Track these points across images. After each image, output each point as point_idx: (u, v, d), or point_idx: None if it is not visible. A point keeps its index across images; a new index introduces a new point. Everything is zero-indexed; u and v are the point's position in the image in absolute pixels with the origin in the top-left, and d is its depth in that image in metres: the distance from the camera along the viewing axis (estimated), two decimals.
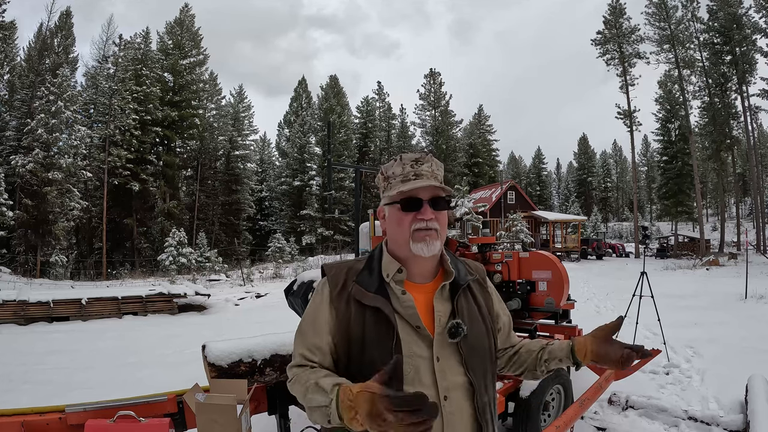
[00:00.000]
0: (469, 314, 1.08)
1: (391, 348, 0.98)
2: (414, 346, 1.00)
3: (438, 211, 1.05)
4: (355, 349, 1.01)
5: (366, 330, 1.01)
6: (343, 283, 1.07)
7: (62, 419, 1.83)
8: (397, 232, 1.07)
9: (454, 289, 1.08)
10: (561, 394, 3.51)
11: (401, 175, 1.06)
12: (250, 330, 6.95)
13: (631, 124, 32.39)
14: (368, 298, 1.03)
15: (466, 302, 1.09)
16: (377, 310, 1.01)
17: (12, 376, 5.58)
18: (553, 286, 4.17)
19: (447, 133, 47.50)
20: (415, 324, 1.02)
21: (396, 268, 1.06)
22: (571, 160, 70.91)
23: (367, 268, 1.09)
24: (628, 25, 32.47)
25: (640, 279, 5.95)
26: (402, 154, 1.10)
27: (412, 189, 1.03)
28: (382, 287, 1.04)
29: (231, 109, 41.34)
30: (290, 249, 30.24)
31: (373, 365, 0.95)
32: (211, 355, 2.07)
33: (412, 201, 1.04)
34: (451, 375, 1.01)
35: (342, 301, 1.05)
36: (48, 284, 18.00)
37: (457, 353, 1.03)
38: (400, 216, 1.05)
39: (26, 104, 27.61)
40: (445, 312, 1.05)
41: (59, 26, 30.84)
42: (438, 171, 1.09)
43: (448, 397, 1.00)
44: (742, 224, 33.23)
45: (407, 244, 1.04)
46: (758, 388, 3.29)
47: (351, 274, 1.09)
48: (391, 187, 1.08)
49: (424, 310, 1.04)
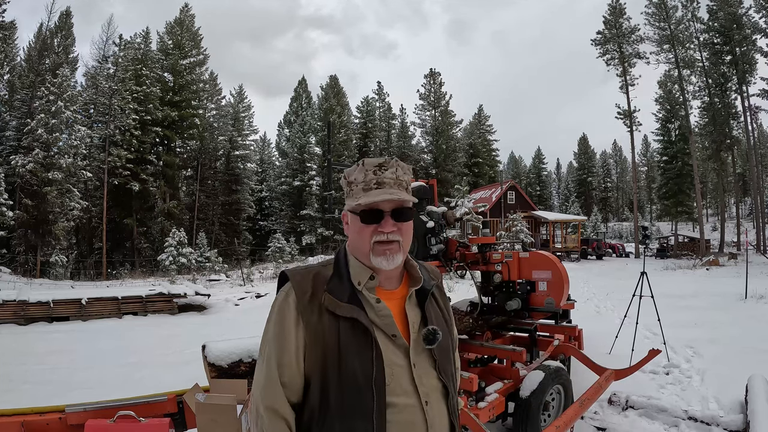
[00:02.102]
0: (437, 320, 1.08)
1: (371, 358, 0.96)
2: (391, 355, 0.99)
3: (401, 222, 1.02)
4: (331, 359, 0.96)
5: (341, 340, 0.97)
6: (311, 291, 1.01)
7: (62, 419, 1.83)
8: (358, 242, 1.04)
9: (421, 294, 1.08)
10: (561, 394, 3.51)
11: (363, 182, 1.02)
12: (250, 330, 6.94)
13: (631, 124, 32.39)
14: (342, 309, 0.99)
15: (432, 308, 1.09)
16: (353, 321, 0.98)
17: (12, 376, 5.58)
18: (553, 286, 4.18)
19: (447, 133, 47.47)
20: (392, 333, 1.00)
21: (368, 275, 1.03)
22: (571, 160, 71.04)
23: (336, 275, 1.04)
24: (628, 25, 32.49)
25: (640, 279, 5.95)
26: (365, 159, 1.06)
27: (372, 202, 0.99)
28: (355, 296, 1.01)
29: (231, 109, 41.33)
30: (290, 249, 30.23)
31: (353, 375, 0.95)
32: (211, 355, 2.07)
33: (373, 213, 1.00)
34: (427, 380, 1.01)
35: (314, 313, 0.99)
36: (48, 284, 17.99)
37: (431, 358, 1.03)
38: (360, 227, 1.02)
39: (26, 104, 27.60)
40: (417, 319, 1.05)
41: (59, 26, 30.84)
42: (404, 176, 1.05)
43: (428, 402, 1.00)
44: (742, 224, 33.24)
45: (367, 256, 1.02)
46: (758, 388, 3.29)
47: (319, 282, 1.03)
48: (352, 194, 1.04)
49: (396, 317, 1.02)
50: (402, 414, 0.96)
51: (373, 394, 0.94)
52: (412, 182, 1.11)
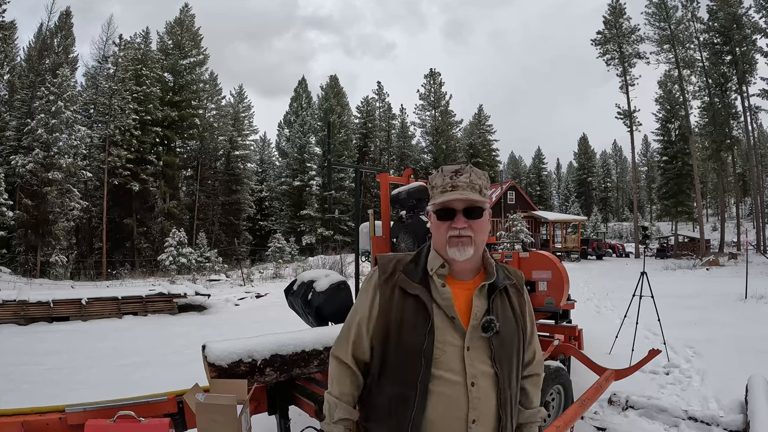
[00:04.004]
0: (503, 314, 1.17)
1: (425, 333, 1.09)
2: (447, 335, 1.11)
3: (472, 220, 1.15)
4: (393, 331, 1.13)
5: (404, 315, 1.13)
6: (391, 271, 1.20)
7: (62, 419, 1.83)
8: (436, 237, 1.19)
9: (492, 289, 1.18)
10: (561, 394, 3.51)
11: (440, 186, 1.17)
12: (250, 330, 6.95)
13: (631, 124, 32.39)
14: (411, 287, 1.15)
15: (501, 303, 1.19)
16: (417, 298, 1.13)
17: (12, 376, 5.57)
18: (553, 286, 4.18)
19: (447, 133, 47.49)
20: (450, 315, 1.12)
21: (440, 263, 1.17)
22: (571, 160, 71.07)
23: (414, 261, 1.22)
24: (628, 25, 32.49)
25: (640, 279, 5.94)
26: (443, 166, 1.21)
27: (445, 201, 1.15)
28: (425, 279, 1.16)
29: (231, 109, 41.33)
30: (290, 249, 30.24)
31: (408, 344, 1.10)
32: (211, 355, 2.07)
33: (447, 211, 1.16)
34: (478, 364, 1.11)
35: (388, 287, 1.18)
36: (48, 284, 17.99)
37: (488, 347, 1.12)
38: (437, 224, 1.18)
39: (26, 104, 27.59)
40: (482, 308, 1.15)
41: (59, 26, 30.83)
42: (477, 180, 1.17)
43: (475, 383, 1.09)
44: (742, 224, 33.26)
45: (444, 248, 1.16)
46: (758, 388, 3.29)
47: (399, 265, 1.21)
48: (433, 197, 1.20)
49: (462, 304, 1.14)
50: (445, 387, 1.08)
51: (421, 364, 1.08)
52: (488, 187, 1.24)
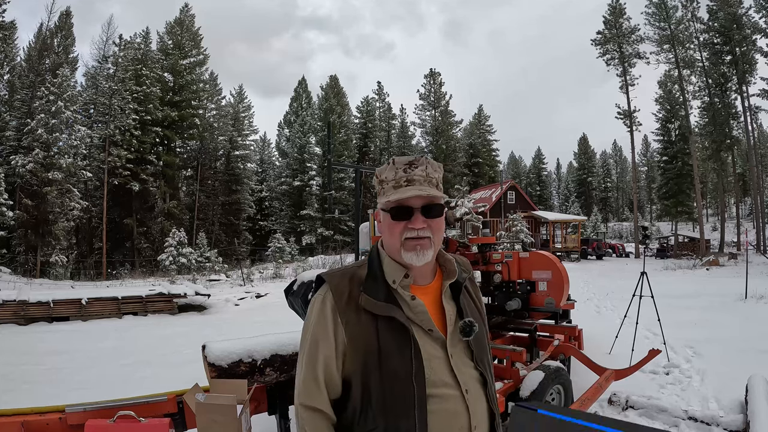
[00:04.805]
0: (471, 311, 1.10)
1: (410, 356, 0.98)
2: (429, 348, 1.01)
3: (431, 218, 1.03)
4: (372, 361, 0.99)
5: (381, 342, 0.99)
6: (348, 293, 1.03)
7: (62, 419, 1.83)
8: (390, 239, 1.06)
9: (455, 288, 1.10)
10: (561, 394, 3.50)
11: (393, 180, 1.04)
12: (250, 330, 6.95)
13: (631, 124, 32.39)
14: (378, 308, 1.01)
15: (466, 300, 1.12)
16: (390, 319, 1.00)
17: (12, 376, 5.57)
18: (553, 286, 4.18)
19: (447, 133, 47.51)
20: (428, 328, 1.03)
21: (402, 273, 1.04)
22: (571, 160, 71.06)
23: (371, 275, 1.06)
24: (628, 25, 32.49)
25: (640, 279, 5.94)
26: (395, 158, 1.07)
27: (401, 198, 1.01)
28: (391, 294, 1.03)
29: (231, 109, 41.34)
30: (290, 249, 30.25)
31: (394, 372, 0.97)
32: (211, 355, 2.07)
33: (403, 209, 1.02)
34: (465, 369, 1.04)
35: (351, 312, 1.01)
36: (48, 284, 18.00)
37: (468, 349, 1.06)
38: (391, 224, 1.04)
39: (26, 104, 27.61)
40: (453, 312, 1.07)
41: (59, 26, 30.85)
42: (434, 174, 1.06)
43: (468, 390, 1.02)
44: (742, 224, 33.26)
45: (398, 252, 1.03)
46: (758, 388, 3.29)
47: (356, 283, 1.05)
48: (384, 193, 1.06)
49: (432, 311, 1.05)
50: (444, 403, 0.99)
51: (414, 389, 0.97)
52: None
